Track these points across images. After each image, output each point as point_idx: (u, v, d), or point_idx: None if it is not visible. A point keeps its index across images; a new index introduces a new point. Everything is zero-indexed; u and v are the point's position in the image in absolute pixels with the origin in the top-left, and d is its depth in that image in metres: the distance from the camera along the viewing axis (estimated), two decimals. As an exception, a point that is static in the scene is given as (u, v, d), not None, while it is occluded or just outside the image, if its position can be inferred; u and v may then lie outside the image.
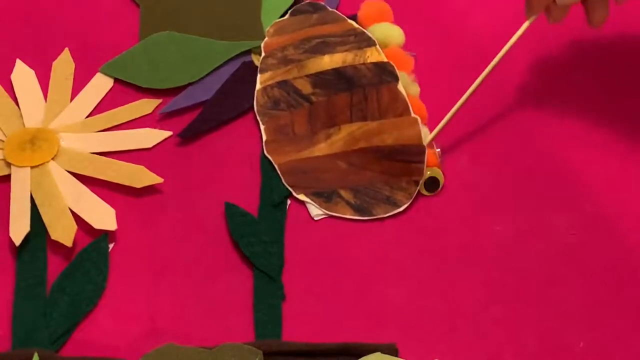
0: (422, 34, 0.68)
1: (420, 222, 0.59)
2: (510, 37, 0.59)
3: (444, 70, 0.66)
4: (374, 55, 0.63)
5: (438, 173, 0.60)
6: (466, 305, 0.56)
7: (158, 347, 0.53)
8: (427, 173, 0.59)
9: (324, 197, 0.60)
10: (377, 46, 0.63)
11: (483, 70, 0.66)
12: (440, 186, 0.60)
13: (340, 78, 0.62)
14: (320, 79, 0.63)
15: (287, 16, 0.68)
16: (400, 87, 0.61)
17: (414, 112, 0.61)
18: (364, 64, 0.62)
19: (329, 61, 0.63)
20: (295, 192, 0.61)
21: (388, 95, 0.61)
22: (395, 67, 0.62)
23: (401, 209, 0.60)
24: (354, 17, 0.67)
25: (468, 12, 0.69)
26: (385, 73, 0.62)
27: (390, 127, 0.60)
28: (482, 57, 0.65)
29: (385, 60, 0.62)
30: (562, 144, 0.62)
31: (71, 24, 0.69)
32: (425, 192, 0.60)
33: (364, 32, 0.64)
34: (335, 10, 0.68)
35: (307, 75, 0.63)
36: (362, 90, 0.62)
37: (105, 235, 0.59)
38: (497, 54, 0.66)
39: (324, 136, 0.62)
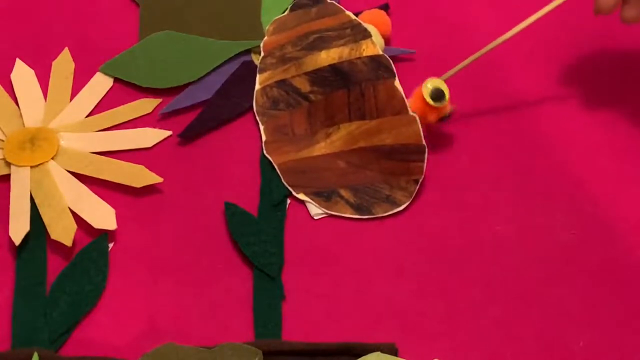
0: (422, 32, 0.68)
1: (420, 221, 0.60)
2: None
3: (444, 69, 0.66)
4: (369, 48, 0.62)
5: (444, 86, 0.59)
6: (466, 305, 0.56)
7: (158, 346, 0.53)
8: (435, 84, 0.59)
9: (324, 196, 0.60)
10: (372, 38, 0.63)
11: (484, 70, 0.66)
12: (446, 98, 0.59)
13: (336, 74, 0.62)
14: (317, 77, 0.63)
15: (287, 12, 0.68)
16: (397, 83, 0.61)
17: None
18: (359, 58, 0.62)
19: (325, 57, 0.63)
20: (295, 191, 0.61)
21: (385, 92, 0.61)
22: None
23: (401, 208, 0.60)
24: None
25: (469, 10, 0.69)
26: (381, 68, 0.61)
27: (389, 125, 0.60)
28: (483, 56, 0.65)
29: (380, 53, 0.62)
30: (562, 143, 0.62)
31: (71, 23, 0.69)
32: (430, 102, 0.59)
33: (360, 24, 0.64)
34: (333, 2, 0.67)
35: (305, 73, 0.63)
36: (358, 87, 0.61)
37: (105, 235, 0.59)
38: (499, 54, 0.66)
39: (324, 135, 0.62)
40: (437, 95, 0.59)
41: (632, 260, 0.57)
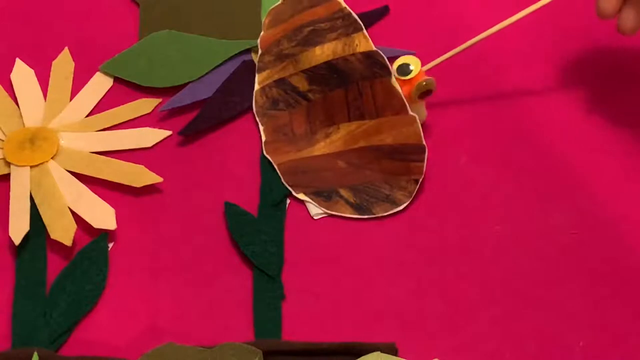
0: (422, 32, 0.68)
1: (420, 221, 0.59)
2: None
3: (443, 68, 0.66)
4: (362, 44, 0.62)
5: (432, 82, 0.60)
6: (466, 305, 0.56)
7: (158, 346, 0.53)
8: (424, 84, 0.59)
9: (324, 196, 0.60)
10: (364, 31, 0.63)
11: (483, 70, 0.66)
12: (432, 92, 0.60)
13: (332, 72, 0.62)
14: (315, 74, 0.63)
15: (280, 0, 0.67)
16: (394, 82, 0.60)
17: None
18: (353, 54, 0.62)
19: (320, 54, 0.63)
20: (294, 191, 0.61)
21: (383, 91, 0.61)
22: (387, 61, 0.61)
23: (401, 207, 0.60)
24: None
25: (469, 10, 0.69)
26: (376, 65, 0.61)
27: (389, 125, 0.60)
28: (482, 56, 0.65)
29: (373, 48, 0.62)
30: (563, 143, 0.62)
31: (71, 23, 0.69)
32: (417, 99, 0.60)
33: (350, 14, 0.63)
34: None
35: (302, 71, 0.63)
36: (355, 85, 0.61)
37: (105, 234, 0.59)
38: (498, 54, 0.66)
39: (323, 135, 0.62)
40: (402, 69, 0.60)
41: (633, 260, 0.57)
